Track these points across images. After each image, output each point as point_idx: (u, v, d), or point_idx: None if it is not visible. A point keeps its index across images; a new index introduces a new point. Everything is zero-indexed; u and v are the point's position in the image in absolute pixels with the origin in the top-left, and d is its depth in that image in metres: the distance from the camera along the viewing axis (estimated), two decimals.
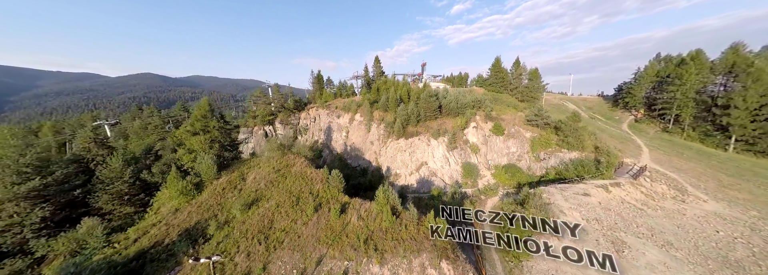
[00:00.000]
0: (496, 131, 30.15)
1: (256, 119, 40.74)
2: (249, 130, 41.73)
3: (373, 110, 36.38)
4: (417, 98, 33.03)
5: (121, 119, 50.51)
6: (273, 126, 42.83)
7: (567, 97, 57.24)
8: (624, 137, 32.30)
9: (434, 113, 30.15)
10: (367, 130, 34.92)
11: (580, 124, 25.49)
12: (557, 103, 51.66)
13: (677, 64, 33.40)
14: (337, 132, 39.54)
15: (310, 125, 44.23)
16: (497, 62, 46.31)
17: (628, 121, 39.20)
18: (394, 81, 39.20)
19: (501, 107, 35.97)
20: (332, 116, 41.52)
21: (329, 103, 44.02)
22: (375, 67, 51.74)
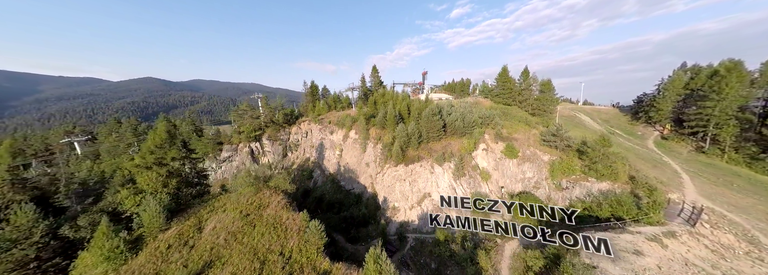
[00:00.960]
0: (509, 154, 26.42)
1: (241, 135, 37.13)
2: (233, 147, 38.14)
3: (369, 127, 32.84)
4: (418, 115, 29.50)
5: (99, 131, 47.02)
6: (260, 143, 39.25)
7: (579, 107, 53.68)
8: (654, 159, 28.43)
9: (438, 134, 26.50)
10: (362, 150, 31.24)
11: (610, 148, 21.63)
12: (569, 114, 48.03)
13: (709, 76, 29.79)
14: (330, 150, 35.90)
15: (302, 141, 40.68)
16: (504, 72, 43.00)
17: (653, 137, 35.40)
18: (392, 94, 35.83)
19: (512, 123, 32.32)
20: (325, 132, 38.00)
21: (322, 117, 40.62)
22: (373, 77, 48.63)
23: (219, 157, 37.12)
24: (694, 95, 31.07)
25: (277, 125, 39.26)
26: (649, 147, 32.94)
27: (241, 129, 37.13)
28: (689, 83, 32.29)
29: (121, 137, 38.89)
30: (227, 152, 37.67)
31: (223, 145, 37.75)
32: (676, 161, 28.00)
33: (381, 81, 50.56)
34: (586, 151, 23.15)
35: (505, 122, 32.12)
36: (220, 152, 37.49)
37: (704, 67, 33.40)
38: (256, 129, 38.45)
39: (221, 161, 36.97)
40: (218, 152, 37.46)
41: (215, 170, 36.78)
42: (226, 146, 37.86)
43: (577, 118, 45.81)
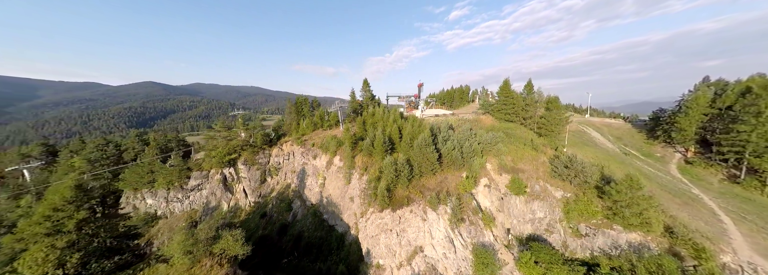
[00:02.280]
0: (515, 189, 22.69)
1: (213, 160, 33.16)
2: (203, 174, 34.11)
3: (355, 153, 29.07)
4: (410, 142, 25.77)
5: (61, 152, 42.79)
6: (235, 168, 35.26)
7: (587, 120, 50.22)
8: (682, 192, 24.73)
9: (432, 167, 22.75)
10: (346, 181, 27.40)
11: (641, 191, 17.90)
12: (576, 129, 44.47)
13: (741, 94, 26.31)
14: (313, 177, 32.01)
15: (284, 164, 36.77)
16: (506, 85, 39.57)
17: (675, 161, 31.79)
18: (382, 115, 32.09)
19: (516, 148, 28.64)
20: (308, 156, 34.16)
21: (306, 138, 36.77)
22: (364, 91, 45.02)
23: (186, 186, 33.12)
24: (724, 115, 27.53)
25: (255, 147, 35.37)
26: (673, 173, 29.31)
27: (212, 154, 33.14)
28: (715, 100, 28.75)
29: (83, 158, 34.77)
30: (196, 179, 33.67)
31: (191, 171, 33.73)
32: (708, 195, 24.32)
33: (373, 95, 46.98)
34: (609, 192, 19.42)
35: (509, 147, 28.46)
36: (188, 179, 33.51)
37: (732, 82, 29.97)
38: (231, 152, 34.57)
39: (189, 190, 32.98)
40: (185, 179, 33.48)
41: (182, 201, 32.74)
42: (196, 172, 33.85)
43: (586, 134, 42.26)
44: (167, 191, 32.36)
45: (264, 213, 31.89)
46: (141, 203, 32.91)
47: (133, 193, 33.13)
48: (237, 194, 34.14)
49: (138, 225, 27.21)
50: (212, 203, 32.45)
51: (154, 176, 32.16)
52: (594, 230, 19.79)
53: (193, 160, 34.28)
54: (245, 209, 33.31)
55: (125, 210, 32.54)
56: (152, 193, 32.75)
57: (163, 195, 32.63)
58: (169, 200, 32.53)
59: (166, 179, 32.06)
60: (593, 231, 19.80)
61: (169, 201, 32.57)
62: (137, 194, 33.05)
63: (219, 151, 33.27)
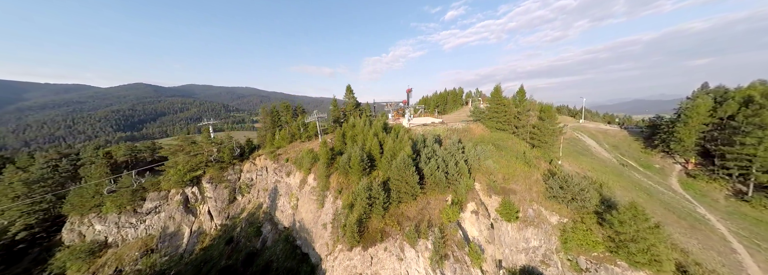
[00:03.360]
0: (506, 214, 20.25)
1: (171, 179, 29.58)
2: (161, 195, 30.43)
3: (330, 172, 26.14)
4: (391, 158, 23.01)
5: (7, 168, 38.17)
6: (199, 187, 31.73)
7: (581, 126, 48.58)
8: (687, 211, 22.73)
9: (412, 190, 20.02)
10: (320, 204, 24.41)
11: (648, 224, 15.58)
12: (571, 136, 42.65)
13: (743, 103, 24.59)
14: (285, 198, 28.87)
15: (257, 180, 33.47)
16: (497, 92, 37.41)
17: (675, 173, 30.01)
18: (363, 128, 29.24)
19: (508, 162, 26.29)
20: (281, 173, 31.02)
21: (281, 152, 33.57)
22: (347, 98, 42.10)
23: (140, 209, 29.41)
24: (726, 125, 25.78)
25: (222, 163, 31.91)
26: (675, 188, 27.44)
27: (170, 173, 29.46)
28: (717, 109, 27.03)
29: (24, 177, 30.48)
30: (153, 201, 29.95)
31: (147, 192, 30.00)
32: (716, 215, 22.35)
33: (357, 102, 44.12)
34: (611, 221, 17.09)
35: (500, 161, 26.07)
36: (143, 201, 29.78)
37: (732, 90, 28.39)
38: (194, 169, 31.04)
39: (144, 213, 29.28)
40: (140, 201, 29.75)
41: (135, 226, 29.01)
42: (152, 193, 30.15)
43: (580, 142, 40.43)
44: (118, 215, 28.65)
45: (231, 238, 28.54)
46: (88, 230, 29.07)
47: (79, 218, 29.25)
48: (201, 217, 30.65)
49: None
50: (171, 229, 28.85)
51: (103, 198, 28.42)
52: (596, 264, 17.43)
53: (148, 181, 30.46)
54: (210, 233, 29.87)
55: (68, 239, 28.60)
56: (101, 218, 28.97)
57: (114, 220, 28.89)
58: (121, 225, 28.80)
59: (116, 202, 28.33)
60: (595, 265, 17.44)
61: (121, 227, 28.84)
62: (84, 220, 29.19)
63: (178, 169, 29.68)
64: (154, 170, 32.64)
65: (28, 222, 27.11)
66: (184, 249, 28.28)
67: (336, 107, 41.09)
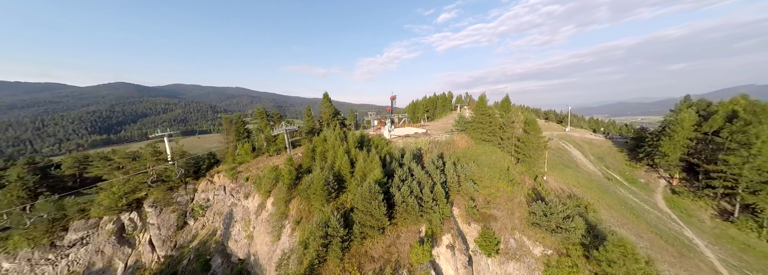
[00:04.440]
0: (485, 247, 18.21)
1: (102, 205, 25.18)
2: (89, 224, 25.95)
3: (292, 195, 23.08)
4: (361, 180, 20.31)
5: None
6: (140, 211, 27.48)
7: (567, 135, 48.22)
8: (674, 237, 21.63)
9: (379, 223, 17.37)
10: (275, 236, 21.26)
11: (638, 265, 13.82)
12: (557, 146, 41.92)
13: (728, 119, 24.02)
14: (241, 224, 25.38)
15: (214, 200, 29.57)
16: (482, 102, 35.79)
17: (660, 189, 29.36)
18: (334, 143, 26.38)
19: (490, 181, 24.37)
20: (239, 194, 27.51)
21: (242, 169, 29.96)
22: (324, 107, 39.07)
23: (60, 242, 24.78)
24: (710, 141, 25.19)
25: (168, 182, 27.82)
26: (661, 206, 26.60)
27: (100, 200, 24.92)
28: (701, 124, 26.50)
29: None
30: (78, 231, 25.35)
31: (70, 221, 25.39)
32: (703, 240, 21.35)
33: (335, 111, 41.21)
34: (597, 258, 15.29)
35: (482, 180, 24.09)
36: (65, 232, 25.16)
37: (715, 103, 28.10)
38: (133, 191, 26.80)
39: (67, 246, 24.68)
40: (61, 232, 25.11)
41: (54, 263, 24.34)
42: (78, 222, 25.56)
43: (566, 153, 39.66)
44: (32, 250, 23.94)
45: (174, 274, 24.58)
46: None
47: None
48: (139, 248, 26.42)
49: None
50: (98, 265, 24.43)
51: (10, 232, 23.67)
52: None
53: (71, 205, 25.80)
54: (150, 267, 25.69)
55: None
56: (10, 254, 24.13)
57: (26, 256, 24.13)
58: (36, 263, 24.08)
59: (28, 235, 23.64)
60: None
61: (36, 264, 24.10)
62: None
63: (113, 191, 25.34)
64: (81, 193, 27.87)
65: None
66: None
67: (310, 116, 37.88)
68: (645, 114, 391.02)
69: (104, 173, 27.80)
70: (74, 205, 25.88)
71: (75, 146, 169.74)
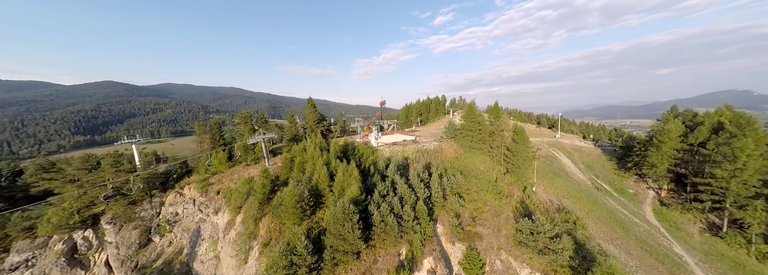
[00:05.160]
0: (470, 270, 17.08)
1: (50, 223, 22.71)
2: (35, 244, 23.39)
3: (264, 212, 21.34)
4: (340, 195, 18.85)
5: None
6: (96, 229, 25.08)
7: (557, 142, 48.15)
8: (664, 254, 21.08)
9: (353, 248, 15.93)
10: (242, 260, 19.48)
11: None
12: (546, 153, 41.61)
13: (713, 130, 23.85)
14: (208, 243, 23.38)
15: (183, 215, 27.34)
16: (471, 109, 35.04)
17: (649, 200, 29.10)
18: (313, 153, 24.86)
19: (477, 194, 23.41)
20: (208, 209, 25.53)
21: (213, 181, 27.97)
22: (308, 113, 37.47)
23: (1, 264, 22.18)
24: (697, 152, 25.03)
25: (127, 196, 25.52)
26: (649, 219, 26.21)
27: (50, 219, 22.43)
28: (687, 135, 26.38)
29: None
30: (22, 253, 22.69)
31: (13, 240, 22.79)
32: (693, 256, 20.85)
33: (321, 117, 39.64)
34: None
35: (469, 193, 23.07)
36: (6, 253, 22.51)
37: (701, 114, 28.15)
38: (87, 206, 24.41)
39: (8, 270, 22.07)
40: (0, 254, 22.45)
41: None
42: (22, 242, 22.94)
43: (556, 161, 39.34)
44: None
45: None
46: None
47: None
48: (94, 270, 23.96)
49: None
50: None
51: None
52: None
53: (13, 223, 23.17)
54: None
55: None
56: None
57: None
58: None
59: None
60: None
61: None
62: None
63: (64, 207, 22.91)
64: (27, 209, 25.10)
65: None
66: None
67: (293, 123, 36.19)
68: (634, 117, 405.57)
69: (55, 187, 25.23)
70: (20, 222, 23.26)
71: (56, 148, 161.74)
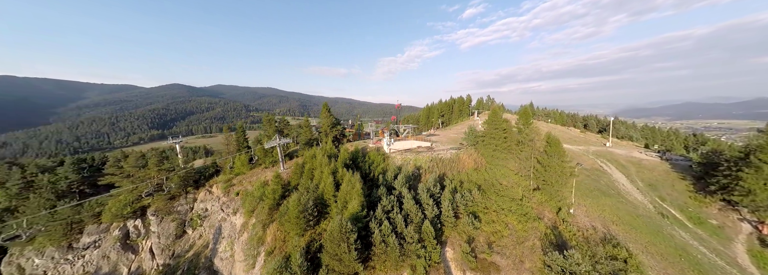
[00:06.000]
0: None
1: (110, 212, 27.25)
2: (100, 229, 28.25)
3: (272, 218, 22.08)
4: (342, 208, 18.46)
5: None
6: (143, 219, 29.20)
7: (607, 151, 40.61)
8: None
9: (348, 269, 15.22)
10: (250, 264, 20.39)
11: None
12: (592, 166, 35.25)
13: None
14: (226, 242, 25.25)
15: (211, 211, 30.31)
16: (495, 113, 31.48)
17: (742, 237, 22.22)
18: (321, 160, 25.02)
19: (497, 214, 20.83)
20: (229, 209, 27.64)
21: (235, 182, 30.27)
22: (323, 118, 38.25)
23: (76, 244, 27.46)
24: None
25: (165, 193, 29.20)
26: (742, 264, 19.91)
27: (110, 208, 27.10)
28: None
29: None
30: (91, 235, 27.92)
31: (84, 225, 28.03)
32: None
33: (336, 121, 40.12)
34: None
35: (486, 213, 20.57)
36: (80, 235, 27.85)
37: None
38: (137, 199, 28.63)
39: (82, 248, 27.27)
40: (77, 235, 27.85)
41: (72, 262, 27.04)
42: (91, 226, 28.14)
43: (605, 176, 32.97)
44: (55, 249, 26.88)
45: None
46: (27, 263, 27.61)
47: (19, 250, 27.97)
48: (142, 255, 28.08)
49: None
50: (104, 269, 26.49)
51: (35, 230, 26.76)
52: None
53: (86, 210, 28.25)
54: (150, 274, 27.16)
55: (7, 272, 27.27)
56: (39, 251, 27.44)
57: (51, 254, 27.22)
58: (57, 261, 27.03)
59: (50, 236, 26.54)
60: None
61: (58, 263, 27.05)
62: (24, 252, 27.83)
63: (119, 199, 27.38)
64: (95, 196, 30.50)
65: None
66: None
67: (308, 127, 37.29)
68: (723, 117, 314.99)
69: (116, 181, 30.13)
70: (90, 209, 28.41)
71: (137, 140, 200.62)
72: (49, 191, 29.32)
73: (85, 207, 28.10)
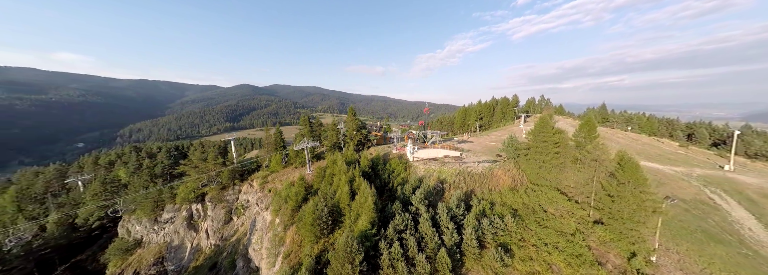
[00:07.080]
0: None
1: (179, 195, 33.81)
2: (175, 208, 35.23)
3: (292, 221, 23.38)
4: (355, 220, 18.19)
5: (117, 163, 53.18)
6: (203, 204, 35.17)
7: (723, 176, 29.37)
8: None
9: None
10: (271, 262, 22.07)
11: None
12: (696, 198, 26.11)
13: None
14: (258, 235, 28.14)
15: (251, 203, 34.58)
16: (544, 122, 25.98)
17: None
18: (341, 167, 25.23)
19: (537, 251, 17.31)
20: (262, 204, 30.66)
21: (270, 179, 33.48)
22: (349, 121, 38.84)
23: (160, 218, 35.07)
24: None
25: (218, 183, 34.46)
26: None
27: (180, 193, 33.78)
28: None
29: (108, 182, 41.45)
30: (169, 212, 35.27)
31: (165, 204, 35.55)
32: None
33: (362, 125, 40.26)
34: None
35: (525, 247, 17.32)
36: (162, 211, 35.44)
37: None
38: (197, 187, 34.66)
39: (163, 222, 34.79)
40: (160, 211, 35.51)
41: (157, 232, 34.83)
42: (169, 205, 35.52)
43: (717, 211, 23.79)
44: (148, 221, 35.14)
45: (214, 264, 30.20)
46: (132, 228, 36.97)
47: (128, 217, 37.61)
48: (201, 234, 34.09)
49: None
50: (175, 242, 33.21)
51: (136, 203, 35.26)
52: None
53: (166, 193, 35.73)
54: (205, 252, 32.73)
55: (121, 233, 37.05)
56: (138, 220, 36.30)
57: (146, 223, 35.71)
58: (148, 230, 35.26)
59: (144, 209, 34.68)
60: None
61: (149, 231, 35.31)
62: (131, 218, 37.28)
63: (186, 185, 33.82)
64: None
65: (100, 215, 36.70)
66: (182, 264, 31.90)
67: (335, 130, 38.41)
68: None
69: (186, 170, 37.14)
70: (168, 191, 35.91)
71: (216, 130, 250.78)
72: (147, 173, 38.25)
73: (164, 191, 35.59)
